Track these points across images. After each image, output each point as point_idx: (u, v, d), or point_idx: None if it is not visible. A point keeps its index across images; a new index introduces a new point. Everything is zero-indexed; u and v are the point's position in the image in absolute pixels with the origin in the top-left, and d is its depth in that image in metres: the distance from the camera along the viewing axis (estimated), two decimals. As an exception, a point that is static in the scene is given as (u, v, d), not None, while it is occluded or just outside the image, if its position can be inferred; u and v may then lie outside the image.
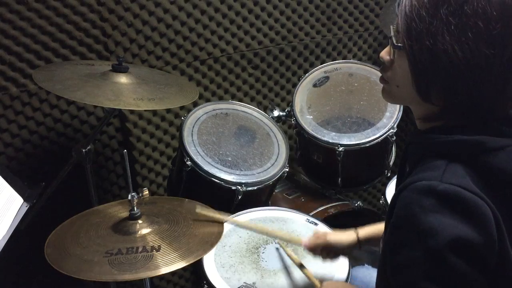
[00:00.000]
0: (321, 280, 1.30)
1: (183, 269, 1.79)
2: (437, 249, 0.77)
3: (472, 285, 0.79)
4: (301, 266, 1.40)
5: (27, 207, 1.20)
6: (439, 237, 0.77)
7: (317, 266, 1.44)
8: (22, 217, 1.16)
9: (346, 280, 1.42)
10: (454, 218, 0.77)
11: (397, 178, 1.10)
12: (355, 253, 1.41)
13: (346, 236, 1.36)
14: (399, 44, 0.87)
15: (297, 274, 1.46)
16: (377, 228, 1.35)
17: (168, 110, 2.11)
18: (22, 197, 1.23)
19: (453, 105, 0.85)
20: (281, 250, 1.52)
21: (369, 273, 1.55)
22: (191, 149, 1.73)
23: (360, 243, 1.35)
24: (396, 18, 0.89)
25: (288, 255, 1.47)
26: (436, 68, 0.82)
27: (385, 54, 0.94)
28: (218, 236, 1.30)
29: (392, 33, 0.90)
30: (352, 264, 1.47)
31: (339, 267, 1.45)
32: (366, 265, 1.62)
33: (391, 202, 0.89)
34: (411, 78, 0.87)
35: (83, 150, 1.66)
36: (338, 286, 1.29)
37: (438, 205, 0.78)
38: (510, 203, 0.82)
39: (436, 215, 0.78)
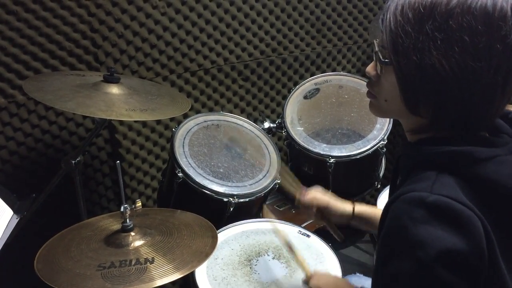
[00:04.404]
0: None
1: (172, 283, 1.76)
2: (426, 261, 0.77)
3: None
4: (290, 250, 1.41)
5: (17, 219, 1.17)
6: (428, 248, 0.77)
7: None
8: (13, 229, 1.13)
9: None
10: (444, 229, 0.77)
11: (389, 190, 1.11)
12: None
13: (343, 205, 1.39)
14: (386, 60, 0.87)
15: (290, 286, 1.45)
16: (373, 210, 1.38)
17: (158, 122, 2.09)
18: (12, 209, 1.20)
19: (441, 118, 0.86)
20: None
21: (361, 282, 1.55)
22: (182, 161, 1.72)
23: (354, 216, 1.37)
24: (379, 33, 0.89)
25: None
26: (424, 82, 0.83)
27: (371, 69, 0.94)
28: (212, 246, 1.29)
29: (377, 48, 0.90)
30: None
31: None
32: (358, 274, 1.63)
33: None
34: (399, 92, 0.87)
35: (73, 162, 1.63)
36: (328, 281, 1.28)
37: (428, 216, 0.78)
38: (499, 213, 0.82)
39: (426, 227, 0.78)
